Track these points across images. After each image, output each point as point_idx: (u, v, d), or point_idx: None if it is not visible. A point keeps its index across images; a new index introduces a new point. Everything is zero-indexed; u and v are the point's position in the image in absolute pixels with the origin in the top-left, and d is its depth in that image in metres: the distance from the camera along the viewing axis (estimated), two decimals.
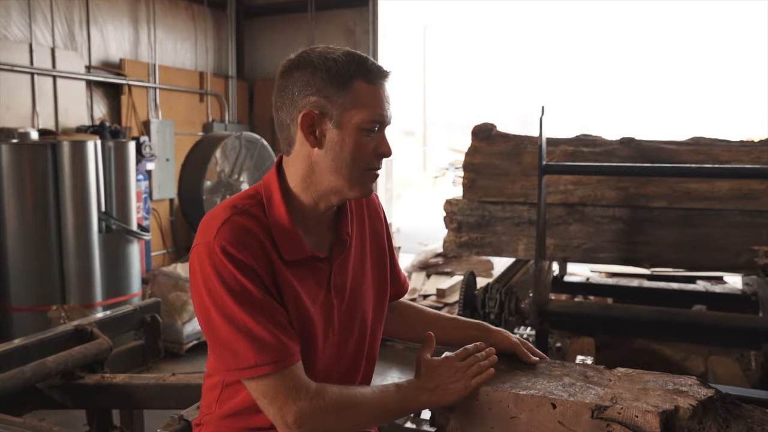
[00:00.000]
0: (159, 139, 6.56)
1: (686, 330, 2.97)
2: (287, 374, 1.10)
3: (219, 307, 1.10)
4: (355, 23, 8.30)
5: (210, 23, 7.72)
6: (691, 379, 1.30)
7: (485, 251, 3.92)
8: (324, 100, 1.14)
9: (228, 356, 1.11)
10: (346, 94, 1.14)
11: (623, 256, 3.52)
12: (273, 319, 1.11)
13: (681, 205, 3.38)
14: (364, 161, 1.18)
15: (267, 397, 1.11)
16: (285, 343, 1.11)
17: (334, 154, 1.16)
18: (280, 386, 1.10)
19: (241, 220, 1.14)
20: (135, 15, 6.69)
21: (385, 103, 1.18)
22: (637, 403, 1.17)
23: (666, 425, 1.14)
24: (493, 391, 1.25)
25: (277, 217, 1.18)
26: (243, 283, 1.10)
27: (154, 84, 6.71)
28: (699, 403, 1.18)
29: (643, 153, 3.50)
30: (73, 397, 2.24)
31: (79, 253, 4.19)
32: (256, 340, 1.09)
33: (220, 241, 1.11)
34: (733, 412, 1.22)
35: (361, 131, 1.16)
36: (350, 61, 1.15)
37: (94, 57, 6.22)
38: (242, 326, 1.09)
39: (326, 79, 1.13)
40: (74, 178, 4.14)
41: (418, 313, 1.55)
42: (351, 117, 1.14)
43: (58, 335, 2.29)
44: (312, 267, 1.21)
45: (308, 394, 1.10)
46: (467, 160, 3.92)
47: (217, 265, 1.10)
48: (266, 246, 1.14)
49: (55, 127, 5.69)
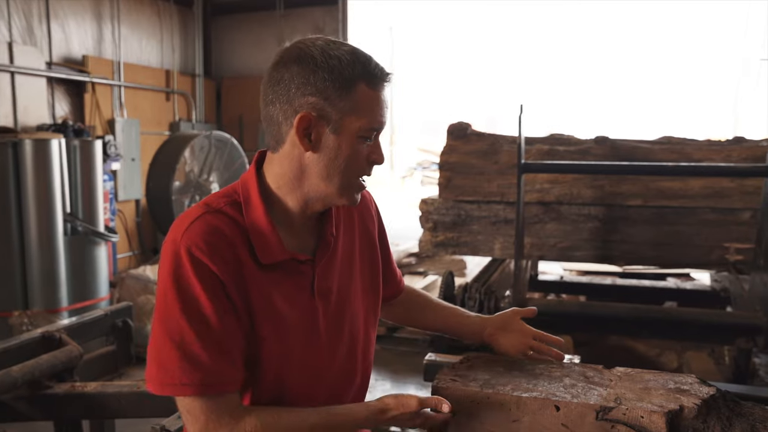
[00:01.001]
0: (124, 138, 6.39)
1: (662, 326, 3.00)
2: (215, 399, 1.03)
3: (164, 312, 1.03)
4: (324, 22, 8.23)
5: (176, 20, 7.55)
6: (690, 377, 1.28)
7: (461, 251, 3.90)
8: (324, 102, 1.06)
9: (154, 368, 1.03)
10: (348, 97, 1.07)
11: (599, 254, 3.55)
12: (216, 340, 1.03)
13: (655, 203, 3.42)
14: (356, 169, 1.12)
15: (190, 415, 1.04)
16: (221, 368, 1.03)
17: (328, 160, 1.09)
18: (204, 409, 1.03)
19: (212, 219, 1.07)
20: (98, 10, 6.50)
21: (384, 108, 1.12)
22: (642, 403, 1.15)
23: (671, 425, 1.12)
24: (494, 395, 1.21)
25: (254, 217, 1.10)
26: (197, 291, 1.02)
27: (119, 82, 6.53)
28: (702, 401, 1.17)
29: (617, 152, 3.53)
30: (41, 409, 2.12)
31: (42, 256, 4.03)
32: (189, 358, 1.01)
33: (186, 241, 1.03)
34: (734, 410, 1.21)
35: (358, 138, 1.09)
36: (355, 62, 1.07)
37: (55, 53, 6.01)
38: (178, 339, 1.02)
39: (328, 80, 1.06)
40: (37, 178, 3.97)
41: (425, 298, 1.53)
42: (350, 123, 1.08)
43: (24, 343, 2.17)
44: (292, 270, 1.14)
45: (230, 422, 1.03)
46: (443, 159, 3.90)
47: (179, 266, 1.03)
48: (238, 249, 1.07)
49: (15, 126, 5.47)
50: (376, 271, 1.32)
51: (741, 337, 2.93)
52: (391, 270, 1.43)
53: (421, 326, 1.55)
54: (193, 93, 7.66)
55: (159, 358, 1.03)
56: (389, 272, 1.41)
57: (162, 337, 1.03)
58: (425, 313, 1.51)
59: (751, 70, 14.32)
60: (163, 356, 1.02)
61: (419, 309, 1.51)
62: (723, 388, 1.25)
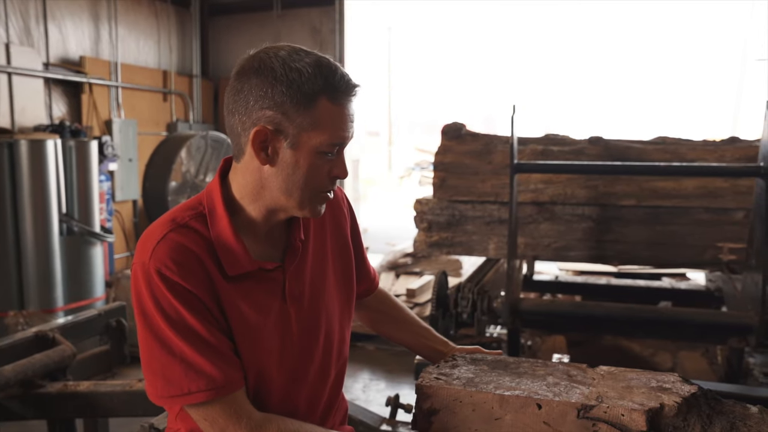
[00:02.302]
0: (122, 138, 6.38)
1: (656, 326, 3.01)
2: (227, 401, 1.05)
3: (154, 332, 1.04)
4: (321, 22, 8.24)
5: (173, 21, 7.56)
6: (673, 376, 1.30)
7: (456, 251, 3.91)
8: (281, 117, 1.04)
9: (159, 382, 1.05)
10: (307, 113, 1.04)
11: (593, 254, 3.55)
12: (210, 347, 1.05)
13: (649, 203, 3.43)
14: (317, 184, 1.10)
15: (207, 421, 1.06)
16: (223, 370, 1.05)
17: (286, 174, 1.07)
18: (220, 412, 1.05)
19: (177, 237, 1.06)
20: (95, 11, 6.50)
21: (348, 123, 1.08)
22: (623, 401, 1.16)
23: (652, 423, 1.14)
24: (476, 393, 1.22)
25: (219, 230, 1.09)
26: (178, 308, 1.03)
27: (116, 82, 6.53)
28: (683, 399, 1.18)
29: (611, 152, 3.54)
30: (34, 408, 2.14)
31: (38, 256, 4.04)
32: (191, 367, 1.03)
33: (155, 263, 1.03)
34: (715, 408, 1.22)
35: (318, 153, 1.07)
36: (317, 75, 1.03)
37: (53, 54, 6.02)
38: (177, 352, 1.03)
39: (286, 94, 1.03)
40: (33, 179, 3.98)
41: (396, 308, 1.52)
42: (309, 138, 1.05)
43: (17, 342, 2.18)
44: (262, 279, 1.14)
45: (249, 424, 1.05)
46: (437, 159, 3.91)
47: (153, 288, 1.03)
48: (206, 263, 1.07)
49: (11, 126, 5.48)
50: (349, 268, 1.33)
51: (733, 336, 2.94)
52: (365, 267, 1.43)
53: (387, 338, 1.56)
54: (190, 93, 7.66)
55: (162, 373, 1.04)
56: (363, 269, 1.42)
57: (160, 353, 1.04)
58: (393, 327, 1.52)
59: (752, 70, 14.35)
60: (166, 370, 1.04)
61: (389, 321, 1.52)
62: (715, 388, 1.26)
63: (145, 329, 1.05)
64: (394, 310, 1.52)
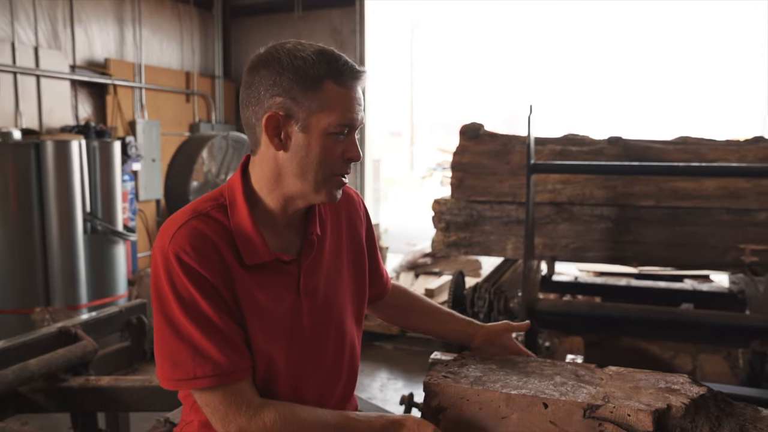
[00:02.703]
0: (145, 139, 6.49)
1: (675, 328, 2.98)
2: (230, 389, 1.07)
3: (167, 315, 1.07)
4: (341, 23, 8.28)
5: (196, 23, 7.66)
6: (682, 377, 1.29)
7: (474, 251, 3.91)
8: (290, 102, 1.08)
9: (167, 365, 1.08)
10: (314, 96, 1.08)
11: (611, 255, 3.53)
12: (220, 333, 1.07)
13: (668, 204, 3.40)
14: (331, 166, 1.13)
15: (209, 407, 1.08)
16: (230, 357, 1.07)
17: (300, 158, 1.11)
18: (222, 399, 1.07)
19: (198, 224, 1.11)
20: (120, 14, 6.63)
21: (356, 105, 1.12)
22: (630, 401, 1.16)
23: (658, 424, 1.14)
24: (483, 391, 1.23)
25: (239, 219, 1.13)
26: (193, 293, 1.06)
27: (140, 84, 6.65)
28: (691, 401, 1.18)
29: (630, 152, 3.51)
30: (57, 401, 2.19)
31: (63, 255, 4.13)
32: (198, 352, 1.06)
33: (174, 247, 1.08)
34: (725, 410, 1.22)
35: (329, 135, 1.10)
36: (320, 61, 1.08)
37: (79, 56, 6.15)
38: (186, 336, 1.06)
39: (294, 80, 1.08)
40: (58, 179, 4.08)
41: (414, 300, 1.54)
42: (318, 120, 1.09)
43: (42, 337, 2.24)
44: (278, 270, 1.17)
45: (248, 411, 1.07)
46: (455, 159, 3.91)
47: (170, 271, 1.07)
48: (223, 252, 1.10)
49: (39, 128, 5.61)
50: (363, 271, 1.35)
51: (756, 339, 2.90)
52: (379, 271, 1.45)
53: (408, 327, 1.58)
54: (212, 94, 7.76)
55: (171, 356, 1.07)
56: (377, 273, 1.44)
57: (170, 337, 1.07)
58: (413, 316, 1.54)
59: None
60: (174, 354, 1.07)
61: (410, 313, 1.53)
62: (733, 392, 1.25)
63: (158, 312, 1.08)
64: (414, 301, 1.55)
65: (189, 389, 1.09)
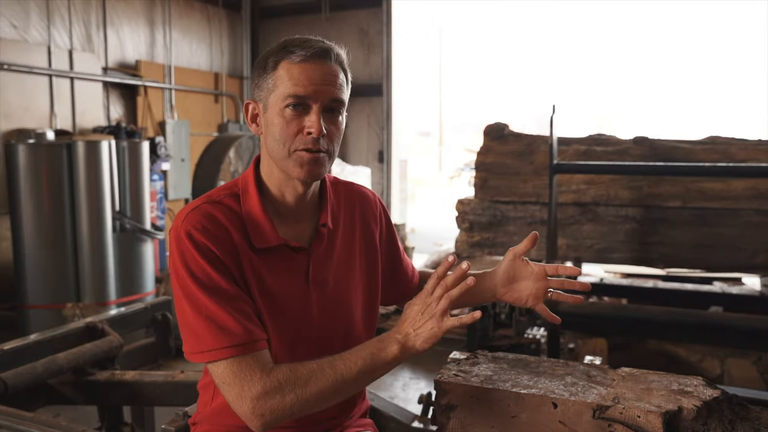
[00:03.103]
0: (174, 139, 6.62)
1: (700, 331, 2.93)
2: (247, 359, 1.08)
3: (184, 291, 1.11)
4: (368, 24, 8.32)
5: (225, 24, 7.77)
6: (696, 379, 1.27)
7: (497, 251, 3.90)
8: (257, 90, 1.19)
9: (191, 339, 1.11)
10: (270, 77, 1.16)
11: (637, 257, 3.48)
12: (235, 306, 1.10)
13: (696, 205, 3.34)
14: (288, 140, 1.15)
15: (226, 383, 1.08)
16: (247, 328, 1.10)
17: (268, 135, 1.18)
18: (238, 372, 1.07)
19: (210, 208, 1.16)
20: (151, 16, 6.76)
21: (309, 77, 1.14)
22: (640, 403, 1.16)
23: (669, 426, 1.13)
24: (493, 390, 1.24)
25: (249, 206, 1.19)
26: (205, 268, 1.10)
27: (170, 85, 6.78)
28: (704, 403, 1.16)
29: (656, 152, 3.47)
30: (84, 393, 2.25)
31: (93, 252, 4.24)
32: (217, 325, 1.08)
33: (186, 226, 1.13)
34: (739, 414, 1.20)
35: (284, 109, 1.15)
36: (279, 46, 1.17)
37: (111, 58, 6.30)
38: (204, 310, 1.09)
39: (260, 69, 1.19)
40: (89, 178, 4.19)
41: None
42: (275, 98, 1.16)
43: (70, 332, 2.31)
44: (286, 257, 1.20)
45: (262, 378, 1.07)
46: (479, 159, 3.91)
47: (183, 249, 1.12)
48: (233, 234, 1.15)
49: (73, 128, 5.76)
50: (375, 270, 1.35)
51: None
52: (402, 269, 1.44)
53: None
54: (240, 95, 7.87)
55: (192, 330, 1.10)
56: (401, 271, 1.44)
57: (190, 312, 1.10)
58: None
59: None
60: (195, 328, 1.10)
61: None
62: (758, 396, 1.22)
63: (177, 289, 1.12)
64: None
65: (211, 360, 1.10)
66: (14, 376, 2.01)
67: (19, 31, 5.45)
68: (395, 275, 1.42)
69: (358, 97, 8.54)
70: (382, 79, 8.39)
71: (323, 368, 1.09)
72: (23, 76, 5.41)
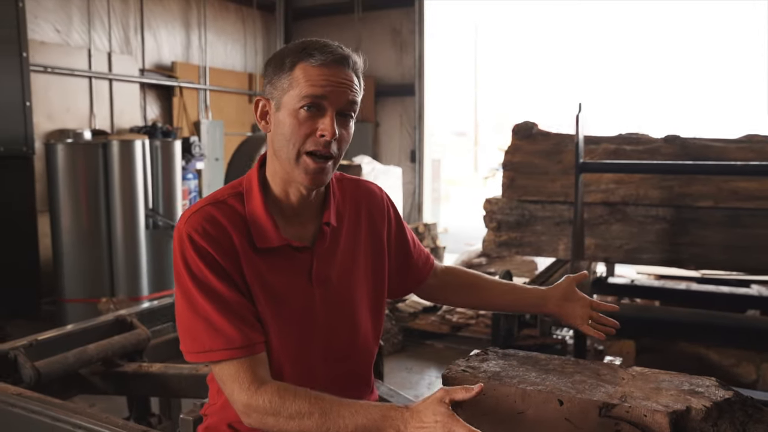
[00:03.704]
0: (209, 139, 6.75)
1: (733, 334, 2.86)
2: (241, 363, 1.11)
3: (183, 291, 1.14)
4: (401, 23, 8.33)
5: (259, 25, 7.89)
6: (709, 380, 1.25)
7: (525, 251, 3.86)
8: (270, 87, 1.20)
9: (188, 339, 1.14)
10: (286, 77, 1.17)
11: (667, 257, 3.41)
12: (232, 310, 1.13)
13: (728, 205, 3.25)
14: (300, 141, 1.15)
15: (221, 381, 1.13)
16: (243, 332, 1.12)
17: (277, 134, 1.18)
18: (230, 374, 1.11)
19: (212, 210, 1.18)
20: (187, 19, 6.91)
21: (327, 81, 1.15)
22: (647, 402, 1.14)
23: (677, 426, 1.11)
24: (500, 386, 1.24)
25: (252, 206, 1.21)
26: (204, 271, 1.13)
27: (205, 86, 6.91)
28: (714, 404, 1.14)
29: (688, 151, 3.38)
30: (113, 384, 2.33)
31: (127, 249, 4.37)
32: (213, 326, 1.11)
33: (188, 228, 1.15)
34: (753, 416, 1.18)
35: (298, 111, 1.15)
36: (297, 47, 1.18)
37: (148, 60, 6.46)
38: (201, 311, 1.12)
39: (274, 68, 1.19)
40: (123, 176, 4.32)
41: (474, 277, 1.53)
42: (289, 98, 1.16)
43: (100, 325, 2.39)
44: (289, 256, 1.22)
45: (251, 388, 1.09)
46: (507, 158, 3.88)
47: (184, 250, 1.15)
48: (233, 236, 1.16)
49: (111, 128, 5.94)
50: (382, 267, 1.36)
51: None
52: (414, 261, 1.45)
53: (469, 305, 1.58)
54: None
55: (189, 330, 1.14)
56: (413, 264, 1.45)
57: (187, 311, 1.14)
58: (474, 291, 1.51)
59: None
60: (192, 328, 1.13)
61: (467, 288, 1.51)
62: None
63: (177, 288, 1.16)
64: (470, 276, 1.53)
65: (206, 361, 1.14)
66: (47, 365, 2.09)
67: (62, 35, 5.65)
68: (407, 268, 1.44)
69: (390, 96, 8.55)
70: (414, 78, 8.40)
71: (313, 413, 1.06)
72: (65, 79, 5.60)
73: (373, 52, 8.53)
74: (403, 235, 1.43)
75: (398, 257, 1.42)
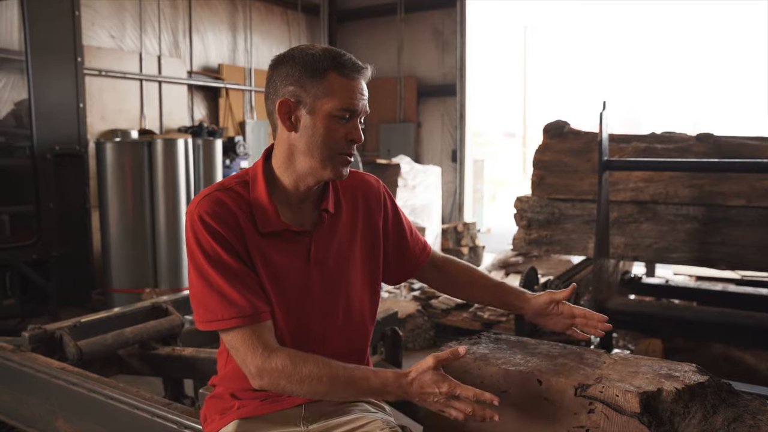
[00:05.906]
0: (253, 138, 6.97)
1: (760, 335, 2.82)
2: (252, 330, 1.23)
3: (196, 267, 1.26)
4: (443, 24, 8.38)
5: (304, 28, 8.08)
6: (689, 366, 1.29)
7: (555, 249, 3.87)
8: (299, 89, 1.26)
9: (201, 310, 1.26)
10: (320, 83, 1.25)
11: (698, 257, 3.37)
12: (241, 281, 1.25)
13: (762, 204, 3.19)
14: (334, 145, 1.28)
15: (233, 349, 1.24)
16: (252, 301, 1.24)
17: (308, 137, 1.28)
18: (243, 340, 1.23)
19: (221, 195, 1.30)
20: (233, 22, 7.16)
21: (358, 94, 1.28)
22: (621, 383, 1.20)
23: (647, 406, 1.16)
24: (485, 366, 1.31)
25: (257, 193, 1.32)
26: (215, 247, 1.25)
27: (250, 87, 7.14)
28: (686, 387, 1.19)
29: (721, 149, 3.34)
30: (149, 365, 2.50)
31: (169, 242, 4.59)
32: (225, 297, 1.23)
33: (198, 210, 1.27)
34: (726, 400, 1.21)
35: (332, 118, 1.26)
36: (326, 56, 1.26)
37: (195, 63, 6.72)
38: (213, 284, 1.24)
39: (303, 71, 1.26)
40: (166, 173, 4.54)
41: (467, 271, 1.61)
42: (323, 104, 1.25)
43: (137, 310, 2.56)
44: (290, 239, 1.33)
45: (264, 353, 1.21)
46: (536, 157, 3.90)
47: (196, 230, 1.27)
48: (240, 218, 1.28)
49: (160, 129, 6.21)
50: (377, 252, 1.46)
51: None
52: (409, 251, 1.54)
53: (461, 296, 1.65)
54: None
55: (202, 301, 1.26)
56: (408, 253, 1.53)
57: (201, 285, 1.25)
58: (466, 284, 1.59)
59: None
60: (205, 300, 1.25)
61: (461, 280, 1.59)
62: None
63: (191, 266, 1.28)
64: (468, 271, 1.61)
65: (219, 329, 1.26)
66: (88, 345, 2.27)
67: (116, 40, 5.95)
68: (403, 255, 1.53)
69: (431, 97, 8.61)
70: (455, 79, 8.43)
71: (322, 377, 1.20)
72: (118, 81, 5.91)
73: (415, 52, 8.61)
74: (399, 224, 1.52)
75: (395, 244, 1.51)
